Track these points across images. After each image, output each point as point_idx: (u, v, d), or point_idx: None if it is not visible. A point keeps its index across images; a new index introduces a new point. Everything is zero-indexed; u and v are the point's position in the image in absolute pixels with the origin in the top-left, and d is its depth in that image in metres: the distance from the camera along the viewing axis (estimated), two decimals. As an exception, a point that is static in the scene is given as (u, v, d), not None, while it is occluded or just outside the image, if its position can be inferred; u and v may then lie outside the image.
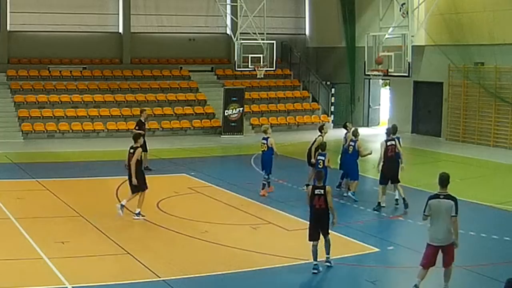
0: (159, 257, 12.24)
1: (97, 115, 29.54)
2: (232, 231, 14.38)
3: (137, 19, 33.42)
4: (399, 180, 16.17)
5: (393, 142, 16.19)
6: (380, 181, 16.25)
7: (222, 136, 29.95)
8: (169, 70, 33.43)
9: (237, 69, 30.80)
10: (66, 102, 29.72)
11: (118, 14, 33.23)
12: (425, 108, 30.38)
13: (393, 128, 16.76)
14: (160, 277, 11.03)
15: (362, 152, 17.28)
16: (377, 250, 12.83)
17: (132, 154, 15.11)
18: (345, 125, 18.47)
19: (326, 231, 11.75)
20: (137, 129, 20.85)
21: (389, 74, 25.92)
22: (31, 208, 15.76)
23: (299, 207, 15.97)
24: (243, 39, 30.11)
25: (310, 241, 11.63)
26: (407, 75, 25.58)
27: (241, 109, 30.33)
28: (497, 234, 13.81)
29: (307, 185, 15.03)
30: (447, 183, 10.19)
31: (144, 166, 20.33)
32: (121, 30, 33.28)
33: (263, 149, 18.00)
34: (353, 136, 17.33)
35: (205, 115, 31.46)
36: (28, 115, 28.61)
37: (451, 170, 10.60)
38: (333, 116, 33.38)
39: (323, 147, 16.56)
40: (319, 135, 17.60)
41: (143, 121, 21.15)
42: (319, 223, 11.68)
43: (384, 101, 34.51)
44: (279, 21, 35.86)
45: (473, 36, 26.62)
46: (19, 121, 28.41)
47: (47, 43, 31.63)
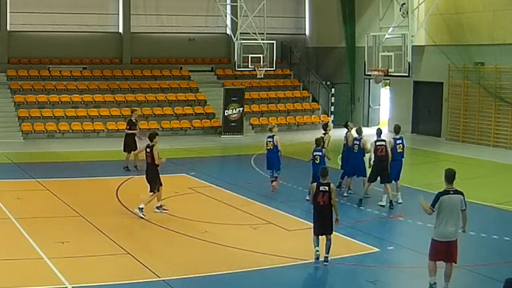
0: (159, 257, 12.24)
1: (97, 115, 29.52)
2: (232, 231, 14.38)
3: (137, 19, 33.41)
4: (390, 180, 16.30)
5: (383, 142, 16.40)
6: (368, 179, 16.59)
7: (222, 136, 29.93)
8: (169, 70, 33.42)
9: (237, 69, 30.79)
10: (66, 102, 29.71)
11: (118, 14, 33.22)
12: (425, 108, 30.35)
13: (396, 128, 16.90)
14: (160, 277, 11.03)
15: (367, 149, 17.35)
16: (377, 250, 12.83)
17: (149, 153, 15.25)
18: (346, 124, 18.48)
19: (330, 229, 11.80)
20: (128, 129, 20.97)
21: (389, 74, 25.91)
22: (31, 208, 15.74)
23: (299, 207, 16.01)
24: (243, 39, 30.10)
25: (315, 235, 11.89)
26: (407, 75, 25.56)
27: (241, 109, 30.32)
28: (497, 234, 13.83)
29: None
30: (453, 179, 10.31)
31: (133, 165, 20.52)
32: (121, 30, 33.27)
33: (269, 147, 18.15)
34: (357, 134, 17.36)
35: (205, 115, 31.45)
36: (28, 115, 28.59)
37: (451, 170, 10.56)
38: (333, 116, 33.34)
39: (318, 142, 16.60)
40: (324, 133, 17.68)
41: (133, 120, 21.27)
42: (323, 219, 11.78)
43: (384, 101, 34.51)
44: (279, 21, 35.85)
45: (473, 36, 26.62)
46: (19, 121, 28.38)
47: (47, 43, 31.61)
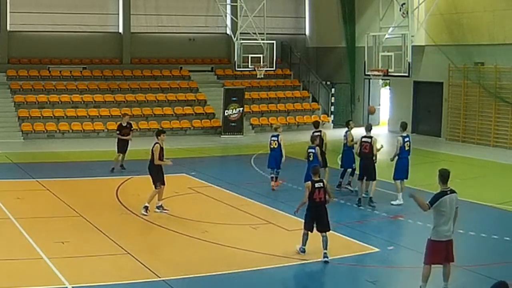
0: (159, 257, 12.24)
1: (97, 115, 29.52)
2: (232, 231, 14.37)
3: (137, 19, 33.41)
4: (375, 177, 16.32)
5: (369, 139, 16.29)
6: (358, 177, 16.68)
7: (222, 136, 29.93)
8: (169, 70, 33.42)
9: (237, 69, 30.78)
10: (66, 102, 29.71)
11: (118, 14, 33.22)
12: (425, 108, 30.36)
13: (403, 125, 16.89)
14: (160, 277, 11.02)
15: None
16: (377, 250, 12.82)
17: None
18: (348, 122, 18.44)
19: (325, 227, 11.84)
20: (118, 133, 21.00)
21: (389, 74, 25.91)
22: (31, 208, 15.73)
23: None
24: (243, 39, 30.08)
25: (306, 230, 12.06)
26: (407, 75, 25.57)
27: (241, 109, 30.31)
28: (497, 234, 13.81)
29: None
30: (448, 179, 10.32)
31: (119, 164, 20.64)
32: (121, 30, 33.27)
33: (273, 146, 18.30)
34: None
35: (205, 115, 31.45)
36: (28, 115, 28.59)
37: (451, 170, 10.53)
38: (333, 116, 33.39)
39: (312, 140, 16.70)
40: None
41: (124, 125, 21.26)
42: (318, 217, 11.87)
43: (384, 101, 34.51)
44: (279, 21, 35.85)
45: (473, 36, 26.62)
46: (19, 121, 28.38)
47: (47, 43, 31.62)
